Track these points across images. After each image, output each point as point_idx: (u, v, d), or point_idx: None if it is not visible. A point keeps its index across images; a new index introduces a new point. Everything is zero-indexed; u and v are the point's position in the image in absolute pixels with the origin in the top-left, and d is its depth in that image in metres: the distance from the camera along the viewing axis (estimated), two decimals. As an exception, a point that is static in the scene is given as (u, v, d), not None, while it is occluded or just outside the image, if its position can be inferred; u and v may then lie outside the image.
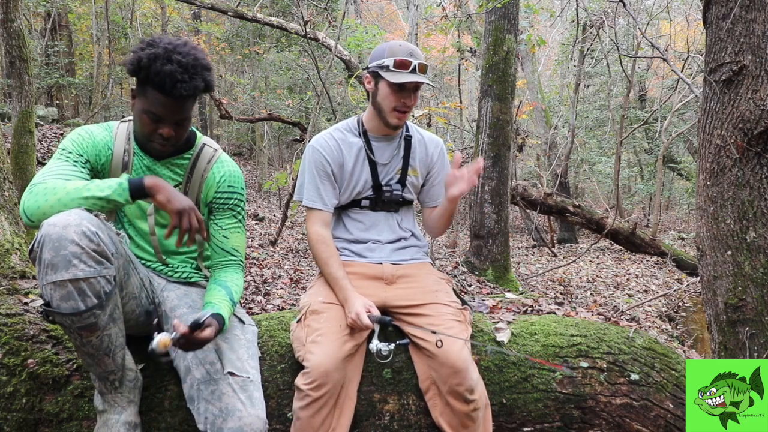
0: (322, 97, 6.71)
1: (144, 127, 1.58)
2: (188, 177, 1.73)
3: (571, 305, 4.87)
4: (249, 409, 1.49)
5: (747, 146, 1.95)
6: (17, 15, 4.49)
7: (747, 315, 1.97)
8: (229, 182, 1.76)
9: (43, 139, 9.10)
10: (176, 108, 1.54)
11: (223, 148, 1.92)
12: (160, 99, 1.52)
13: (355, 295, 1.77)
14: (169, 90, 1.49)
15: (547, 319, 2.06)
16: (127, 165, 1.67)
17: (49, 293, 1.34)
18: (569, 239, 10.98)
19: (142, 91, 1.54)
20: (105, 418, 1.54)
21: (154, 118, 1.55)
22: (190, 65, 1.50)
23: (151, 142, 1.60)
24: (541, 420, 1.80)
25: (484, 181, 5.16)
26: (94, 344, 1.43)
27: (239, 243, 1.78)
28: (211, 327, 1.50)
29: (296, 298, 3.86)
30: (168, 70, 1.46)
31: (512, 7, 5.09)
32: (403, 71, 1.82)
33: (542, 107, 11.62)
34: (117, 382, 1.53)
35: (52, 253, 1.31)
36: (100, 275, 1.36)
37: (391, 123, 1.90)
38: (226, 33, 12.72)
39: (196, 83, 1.51)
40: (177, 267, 1.82)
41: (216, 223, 1.76)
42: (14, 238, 2.23)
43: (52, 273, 1.32)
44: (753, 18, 1.94)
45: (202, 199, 1.76)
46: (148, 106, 1.54)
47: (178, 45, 1.52)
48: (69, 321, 1.37)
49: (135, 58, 1.49)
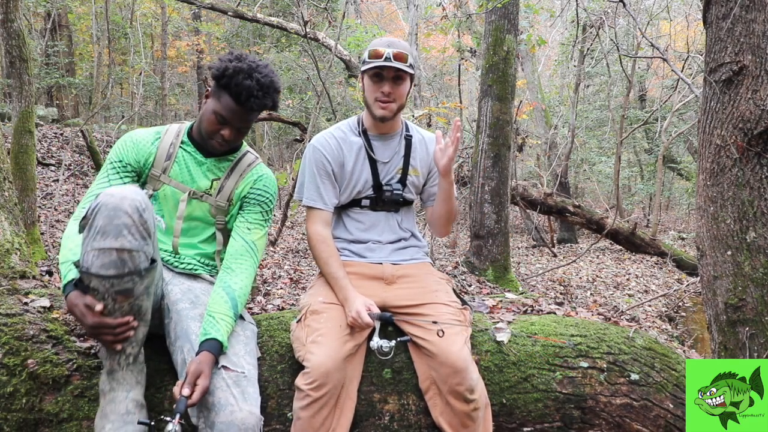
0: (322, 97, 6.71)
1: (210, 125, 1.75)
2: (228, 174, 1.87)
3: (571, 305, 4.87)
4: (241, 404, 1.48)
5: (747, 146, 1.95)
6: (17, 15, 4.49)
7: (747, 315, 1.97)
8: (265, 183, 1.90)
9: (43, 139, 9.11)
10: (243, 116, 1.73)
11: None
12: (232, 106, 1.71)
13: (355, 294, 1.77)
14: (244, 101, 1.69)
15: (547, 319, 2.06)
16: (171, 156, 1.82)
17: (91, 259, 1.41)
18: (569, 239, 10.98)
19: (218, 95, 1.73)
20: (111, 397, 1.53)
21: (221, 120, 1.73)
22: (266, 85, 1.70)
23: (211, 140, 1.77)
24: (541, 420, 1.80)
25: (484, 181, 5.16)
26: (124, 310, 1.47)
27: (259, 241, 1.84)
28: (201, 377, 1.48)
29: (296, 298, 3.86)
30: (247, 84, 1.67)
31: (512, 7, 5.09)
32: (377, 60, 1.84)
33: (542, 107, 11.63)
34: (132, 357, 1.55)
35: (106, 220, 1.40)
36: (143, 250, 1.45)
37: (376, 114, 1.91)
38: (226, 33, 12.73)
39: (266, 101, 1.73)
40: (184, 258, 1.84)
41: (243, 216, 1.86)
42: (14, 238, 2.23)
43: (101, 239, 1.40)
44: (753, 18, 1.94)
45: (237, 193, 1.87)
46: (219, 109, 1.72)
47: (261, 65, 1.73)
48: (108, 284, 1.42)
49: (222, 67, 1.69)
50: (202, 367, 1.49)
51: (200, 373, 1.48)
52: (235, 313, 1.66)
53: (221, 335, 1.58)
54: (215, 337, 1.56)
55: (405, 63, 1.84)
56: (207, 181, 1.84)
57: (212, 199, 1.84)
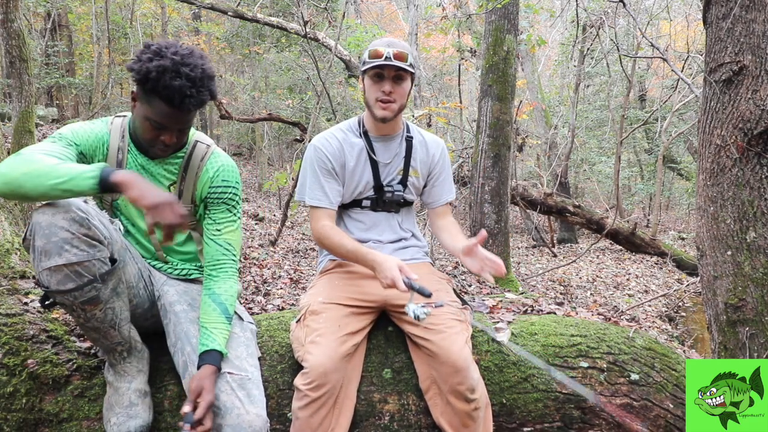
0: (322, 97, 6.71)
1: (146, 133, 1.57)
2: (182, 175, 1.72)
3: (571, 305, 4.86)
4: (248, 407, 1.49)
5: (747, 146, 1.95)
6: (17, 15, 4.49)
7: (747, 315, 1.97)
8: (223, 176, 1.73)
9: (43, 139, 9.09)
10: (181, 118, 1.55)
11: (223, 148, 1.92)
12: (166, 110, 1.51)
13: (383, 257, 1.71)
14: (178, 104, 1.49)
15: (547, 319, 2.06)
16: (121, 163, 1.65)
17: (47, 279, 1.37)
18: (569, 239, 10.98)
19: (147, 99, 1.53)
20: (116, 387, 1.57)
21: (157, 126, 1.55)
22: (197, 78, 1.50)
23: (152, 148, 1.61)
24: (541, 420, 1.80)
25: (484, 181, 5.17)
26: (98, 318, 1.46)
27: (233, 238, 1.74)
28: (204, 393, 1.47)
29: (296, 298, 3.86)
30: (177, 85, 1.46)
31: (512, 7, 5.09)
32: (377, 60, 1.83)
33: (542, 107, 11.62)
34: (125, 352, 1.58)
35: (44, 240, 1.35)
36: (94, 258, 1.40)
37: (377, 115, 1.89)
38: (226, 33, 12.72)
39: (203, 97, 1.52)
40: (177, 264, 1.82)
41: (210, 217, 1.74)
42: (14, 238, 2.23)
43: (45, 259, 1.35)
44: (753, 18, 1.94)
45: (197, 195, 1.74)
46: (151, 115, 1.53)
47: (185, 56, 1.50)
48: (71, 298, 1.40)
49: (143, 69, 1.47)
50: (203, 383, 1.48)
51: (200, 390, 1.47)
52: (227, 317, 1.64)
53: (218, 345, 1.57)
54: (213, 348, 1.55)
55: (405, 62, 1.84)
56: (164, 188, 1.70)
57: None
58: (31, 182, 1.34)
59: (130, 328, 1.58)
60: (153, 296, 1.73)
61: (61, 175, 1.35)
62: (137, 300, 1.66)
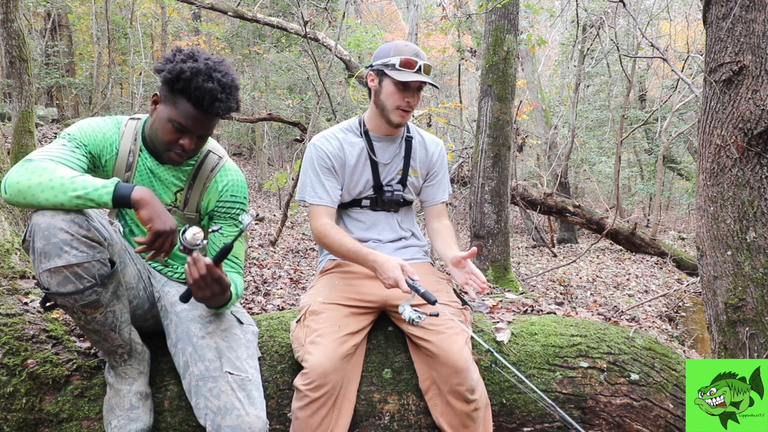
0: (322, 97, 6.70)
1: (166, 135, 1.55)
2: (190, 183, 1.71)
3: (571, 305, 4.86)
4: (248, 408, 1.49)
5: (747, 146, 1.95)
6: (17, 15, 4.49)
7: (747, 315, 1.97)
8: (232, 191, 1.73)
9: (43, 139, 9.10)
10: (205, 123, 1.55)
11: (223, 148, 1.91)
12: (192, 113, 1.51)
13: (385, 257, 1.70)
14: (207, 107, 1.50)
15: (547, 319, 2.06)
16: (131, 166, 1.64)
17: (47, 280, 1.37)
18: (569, 239, 10.98)
19: (173, 100, 1.52)
20: (116, 389, 1.58)
21: (180, 129, 1.54)
22: (227, 85, 1.52)
23: (169, 151, 1.59)
24: (541, 420, 1.80)
25: (484, 181, 5.16)
26: (98, 321, 1.47)
27: (239, 251, 1.75)
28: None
29: (296, 298, 3.86)
30: (209, 87, 1.47)
31: (512, 7, 5.09)
32: (409, 71, 1.83)
33: (542, 107, 11.62)
34: (126, 354, 1.58)
35: (43, 241, 1.35)
36: (94, 259, 1.39)
37: (394, 121, 1.90)
38: (226, 33, 12.73)
39: (230, 103, 1.54)
40: (177, 268, 1.82)
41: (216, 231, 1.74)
42: (14, 238, 2.23)
43: (45, 261, 1.35)
44: (753, 18, 1.94)
45: (203, 207, 1.73)
46: (176, 116, 1.52)
47: (217, 63, 1.53)
48: (71, 300, 1.40)
49: (176, 69, 1.48)
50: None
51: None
52: (236, 291, 1.67)
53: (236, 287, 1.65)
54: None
55: (429, 75, 1.87)
56: (170, 194, 1.70)
57: (180, 212, 1.72)
58: (46, 193, 1.35)
59: (130, 331, 1.58)
60: (153, 297, 1.73)
61: (78, 188, 1.36)
62: (137, 301, 1.66)
